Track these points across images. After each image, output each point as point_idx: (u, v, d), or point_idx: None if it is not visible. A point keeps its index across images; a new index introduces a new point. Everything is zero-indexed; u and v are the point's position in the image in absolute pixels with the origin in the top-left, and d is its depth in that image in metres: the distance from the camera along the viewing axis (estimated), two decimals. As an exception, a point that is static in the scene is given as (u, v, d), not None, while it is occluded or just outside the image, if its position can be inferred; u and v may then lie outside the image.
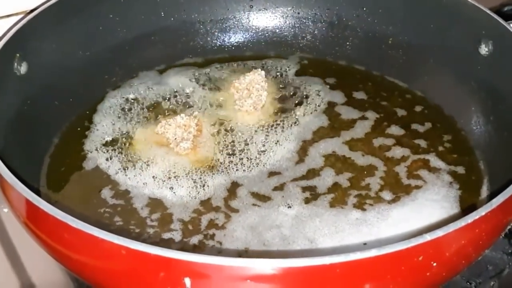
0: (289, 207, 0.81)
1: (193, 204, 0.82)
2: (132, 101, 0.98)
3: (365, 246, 0.75)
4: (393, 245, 0.56)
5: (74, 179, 0.86)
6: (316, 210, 0.80)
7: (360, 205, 0.82)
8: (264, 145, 0.90)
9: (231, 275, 0.57)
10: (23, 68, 0.87)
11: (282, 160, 0.88)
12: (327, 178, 0.86)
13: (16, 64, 0.85)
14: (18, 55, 0.86)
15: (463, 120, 0.95)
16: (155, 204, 0.82)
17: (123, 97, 0.98)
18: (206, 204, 0.82)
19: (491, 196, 0.76)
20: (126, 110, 0.96)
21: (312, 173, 0.87)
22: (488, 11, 0.92)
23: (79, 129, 0.93)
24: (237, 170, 0.87)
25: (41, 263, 0.80)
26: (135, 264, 0.58)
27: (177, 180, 0.84)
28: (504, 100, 0.89)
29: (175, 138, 0.89)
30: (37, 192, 0.79)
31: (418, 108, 0.98)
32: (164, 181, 0.84)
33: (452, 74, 0.98)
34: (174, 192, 0.83)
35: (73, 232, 0.59)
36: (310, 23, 1.11)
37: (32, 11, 0.92)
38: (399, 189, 0.84)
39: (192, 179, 0.85)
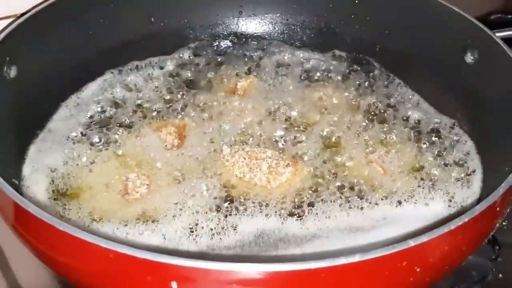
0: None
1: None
2: (121, 104, 0.98)
3: (350, 251, 0.76)
4: (377, 250, 0.57)
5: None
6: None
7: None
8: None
9: (217, 280, 0.57)
10: (12, 72, 0.87)
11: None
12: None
13: (5, 67, 0.85)
14: (7, 58, 0.86)
15: (449, 127, 0.96)
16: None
17: (113, 100, 0.98)
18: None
19: (478, 202, 0.76)
20: (113, 113, 0.96)
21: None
22: (474, 20, 0.93)
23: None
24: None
25: (29, 266, 0.80)
26: (122, 267, 0.58)
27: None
28: (489, 108, 0.90)
29: (165, 145, 0.90)
30: (17, 188, 0.80)
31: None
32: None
33: (438, 82, 0.99)
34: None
35: (61, 235, 0.59)
36: (298, 29, 1.12)
37: (22, 15, 0.91)
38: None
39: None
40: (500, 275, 0.81)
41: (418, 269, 0.61)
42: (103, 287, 0.63)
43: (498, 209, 0.68)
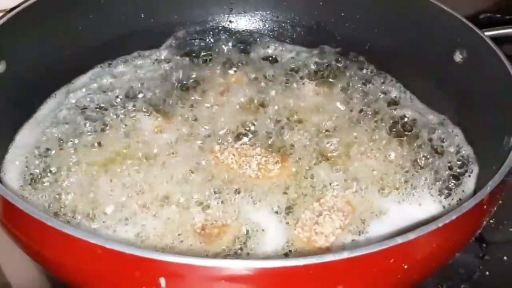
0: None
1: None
2: (109, 97, 0.97)
3: (340, 248, 0.76)
4: (365, 247, 0.57)
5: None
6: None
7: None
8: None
9: (205, 275, 0.57)
10: (1, 67, 0.87)
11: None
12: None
13: (-6, 63, 0.86)
14: (-4, 54, 0.86)
15: (438, 125, 0.96)
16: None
17: (101, 94, 0.98)
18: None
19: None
20: (101, 107, 0.96)
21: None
22: (464, 19, 0.93)
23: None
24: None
25: (17, 262, 0.80)
26: (110, 263, 0.58)
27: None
28: (477, 107, 0.90)
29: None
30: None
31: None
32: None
33: (427, 81, 0.99)
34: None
35: (49, 231, 0.59)
36: (289, 27, 1.12)
37: (11, 10, 0.91)
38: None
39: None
40: (487, 272, 0.82)
41: (405, 266, 0.61)
42: (91, 283, 0.64)
43: (485, 207, 0.68)
